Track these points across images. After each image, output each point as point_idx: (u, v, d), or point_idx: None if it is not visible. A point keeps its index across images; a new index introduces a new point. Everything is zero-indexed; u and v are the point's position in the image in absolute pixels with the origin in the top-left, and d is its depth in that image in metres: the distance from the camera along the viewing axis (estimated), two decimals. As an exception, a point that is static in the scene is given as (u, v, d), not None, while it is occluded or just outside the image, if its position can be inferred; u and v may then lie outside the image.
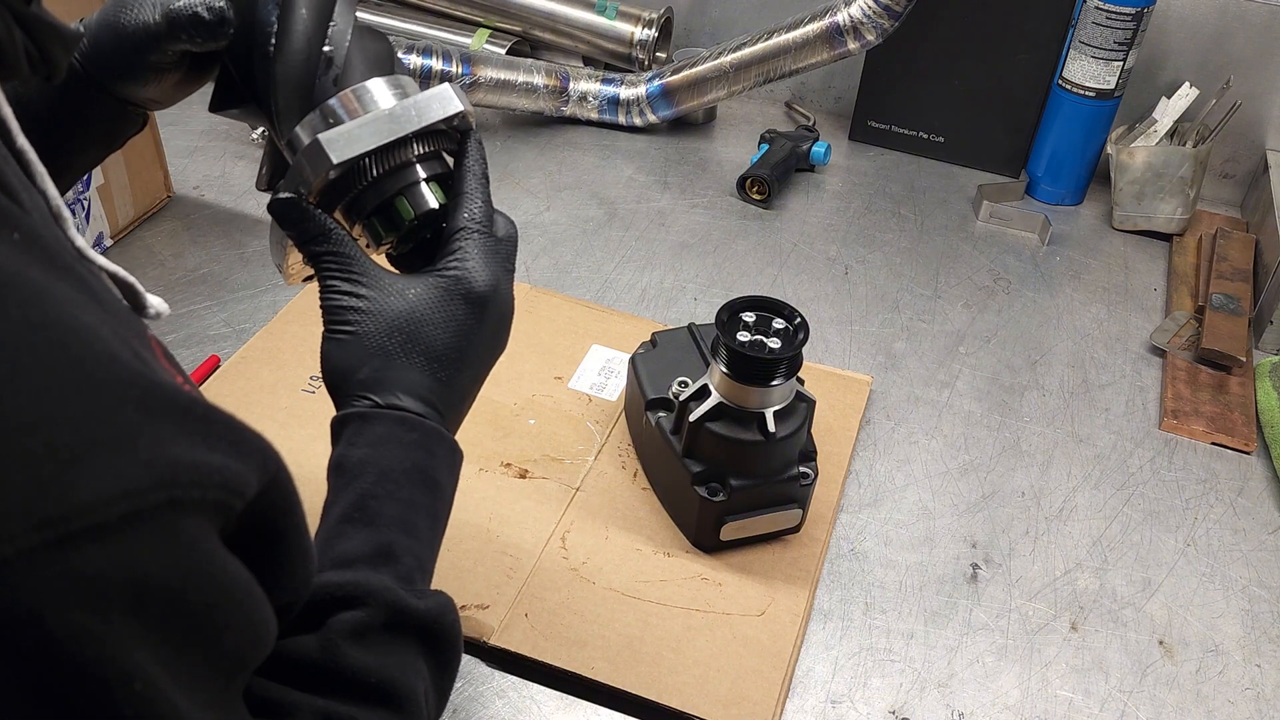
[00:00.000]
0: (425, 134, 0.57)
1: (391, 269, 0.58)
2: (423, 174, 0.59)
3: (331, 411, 0.55)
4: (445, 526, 0.55)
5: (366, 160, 0.56)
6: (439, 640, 0.50)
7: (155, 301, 0.46)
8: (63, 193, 0.53)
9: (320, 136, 0.54)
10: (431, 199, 0.58)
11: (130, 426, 0.30)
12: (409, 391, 0.53)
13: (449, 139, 0.60)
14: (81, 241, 0.41)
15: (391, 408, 0.53)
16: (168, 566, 0.31)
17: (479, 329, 0.56)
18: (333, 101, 0.56)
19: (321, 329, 0.55)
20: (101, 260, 0.42)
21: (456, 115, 0.58)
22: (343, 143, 0.55)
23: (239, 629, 0.35)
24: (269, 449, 0.36)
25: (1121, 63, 1.17)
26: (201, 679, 0.33)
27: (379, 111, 0.56)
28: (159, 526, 0.30)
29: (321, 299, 0.55)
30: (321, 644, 0.45)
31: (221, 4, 0.55)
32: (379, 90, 0.57)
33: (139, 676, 0.30)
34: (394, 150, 0.57)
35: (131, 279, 0.44)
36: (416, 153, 0.58)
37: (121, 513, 0.29)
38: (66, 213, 0.42)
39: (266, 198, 0.59)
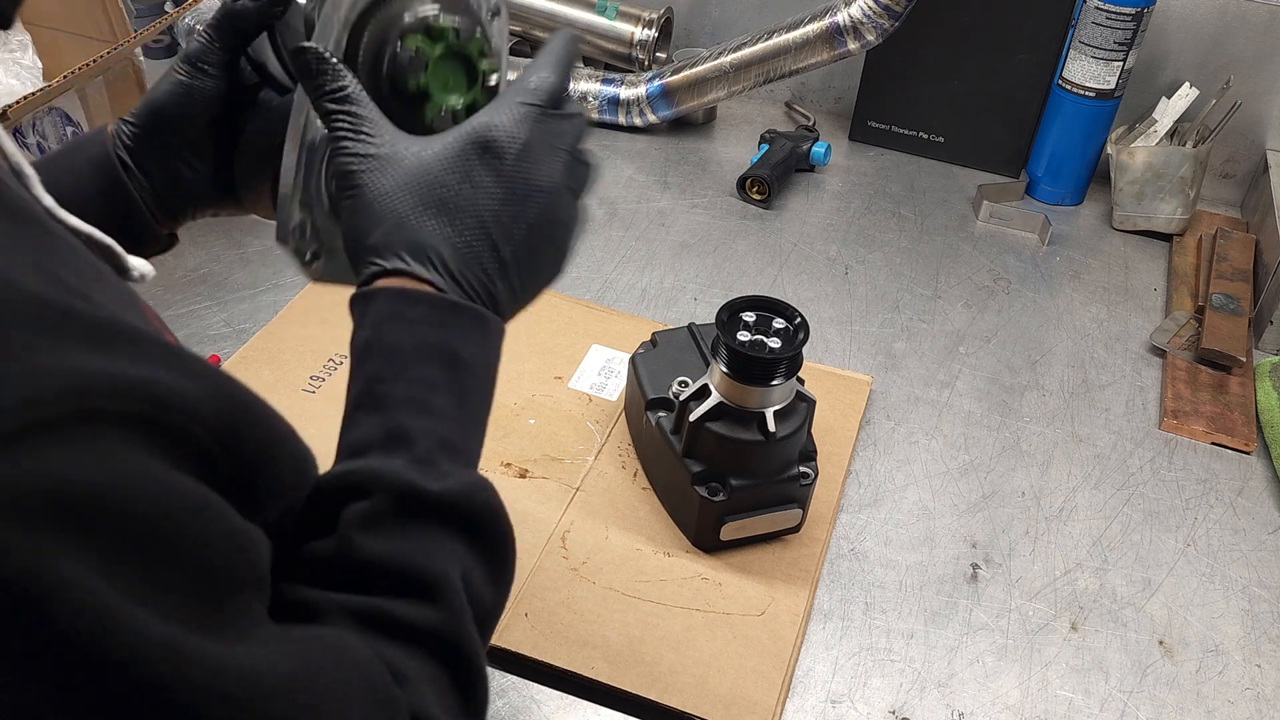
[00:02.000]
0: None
1: None
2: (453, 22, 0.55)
3: (333, 413, 0.54)
4: (485, 401, 0.50)
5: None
6: (471, 521, 0.46)
7: (137, 263, 0.45)
8: None
9: None
10: (446, 18, 0.54)
11: (21, 343, 0.30)
12: (418, 254, 0.48)
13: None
14: (50, 201, 0.41)
15: (397, 273, 0.48)
16: (89, 477, 0.30)
17: (510, 191, 0.50)
18: None
19: (320, 330, 0.55)
20: (74, 221, 0.42)
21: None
22: None
23: (204, 544, 0.34)
24: (224, 375, 0.36)
25: (1121, 63, 1.17)
26: (167, 594, 0.32)
27: None
28: (71, 436, 0.30)
29: (334, 164, 0.50)
30: (336, 540, 0.43)
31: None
32: None
33: (77, 586, 0.29)
34: None
35: (108, 240, 0.44)
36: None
37: (23, 422, 0.29)
38: (29, 170, 0.41)
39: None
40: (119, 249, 0.45)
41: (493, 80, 0.56)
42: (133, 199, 0.60)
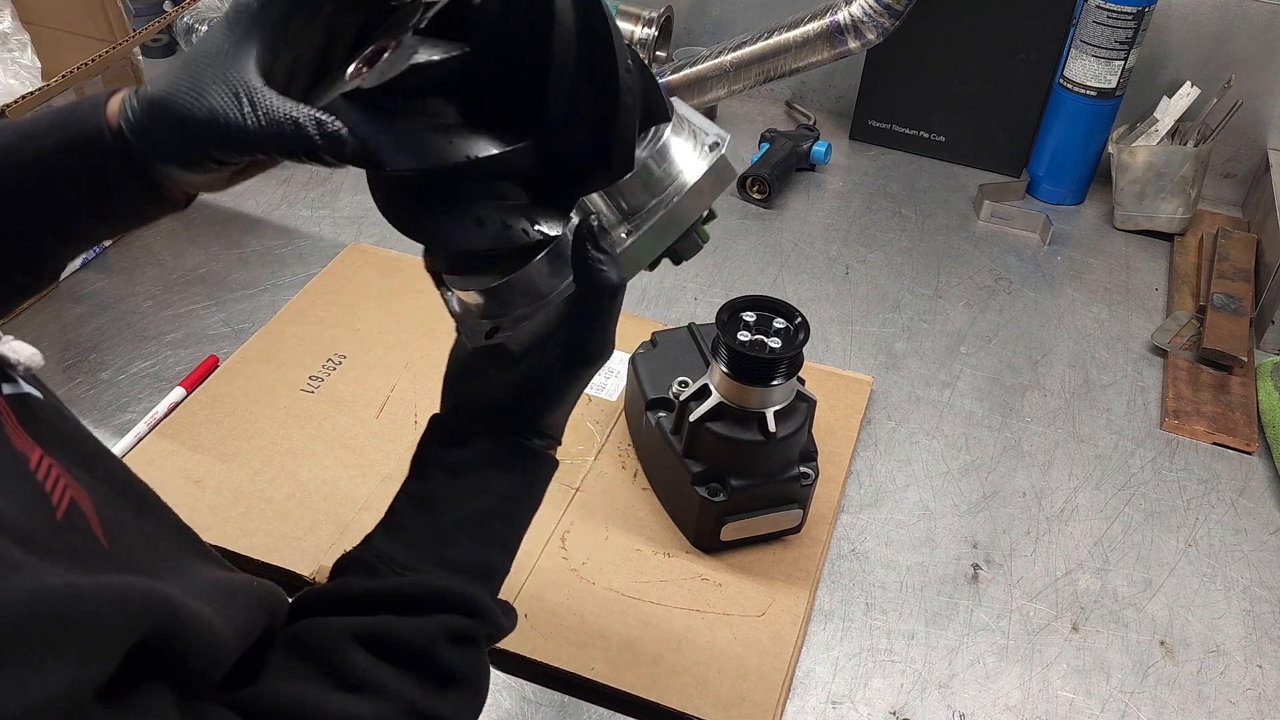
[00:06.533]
0: None
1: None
2: None
3: (331, 413, 0.55)
4: None
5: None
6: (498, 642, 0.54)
7: (21, 355, 0.44)
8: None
9: (725, 153, 0.50)
10: None
11: None
12: (563, 434, 0.55)
13: None
14: None
15: (554, 445, 0.55)
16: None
17: None
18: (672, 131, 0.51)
19: (318, 329, 0.54)
20: None
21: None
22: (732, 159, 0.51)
23: None
24: (134, 603, 0.34)
25: (1122, 62, 1.17)
26: None
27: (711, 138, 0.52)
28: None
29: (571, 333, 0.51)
30: (424, 636, 0.48)
31: (339, 128, 0.42)
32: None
33: None
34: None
35: None
36: None
37: None
38: None
39: (265, 195, 0.56)
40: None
41: None
42: (132, 186, 0.48)
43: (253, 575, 0.52)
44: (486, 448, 0.52)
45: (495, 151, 0.44)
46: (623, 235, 0.49)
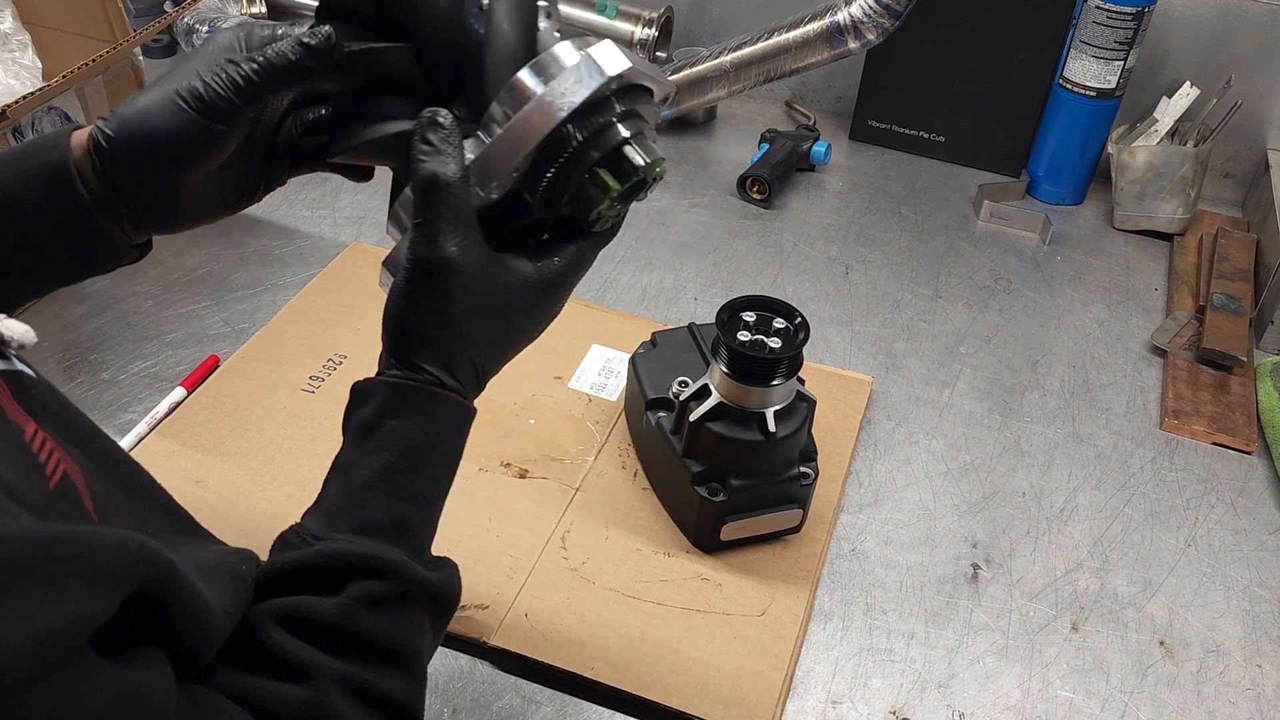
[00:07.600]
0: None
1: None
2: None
3: (332, 413, 0.55)
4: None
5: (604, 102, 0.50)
6: (443, 604, 0.52)
7: (15, 332, 0.45)
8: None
9: (591, 50, 0.49)
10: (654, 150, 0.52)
11: None
12: (465, 375, 0.53)
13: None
14: None
15: (438, 384, 0.52)
16: None
17: (542, 325, 0.57)
18: (557, 49, 0.50)
19: (319, 329, 0.55)
20: None
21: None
22: (613, 59, 0.49)
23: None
24: (131, 550, 0.35)
25: (1122, 62, 1.17)
26: None
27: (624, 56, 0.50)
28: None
29: (412, 255, 0.51)
30: (340, 609, 0.47)
31: (328, 30, 0.50)
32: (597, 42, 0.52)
33: None
34: (635, 93, 0.51)
35: None
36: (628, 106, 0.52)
37: None
38: None
39: (266, 195, 0.58)
40: None
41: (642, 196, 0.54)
42: (92, 218, 0.52)
43: (236, 551, 0.52)
44: (381, 399, 0.51)
45: (360, 45, 0.52)
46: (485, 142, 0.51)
